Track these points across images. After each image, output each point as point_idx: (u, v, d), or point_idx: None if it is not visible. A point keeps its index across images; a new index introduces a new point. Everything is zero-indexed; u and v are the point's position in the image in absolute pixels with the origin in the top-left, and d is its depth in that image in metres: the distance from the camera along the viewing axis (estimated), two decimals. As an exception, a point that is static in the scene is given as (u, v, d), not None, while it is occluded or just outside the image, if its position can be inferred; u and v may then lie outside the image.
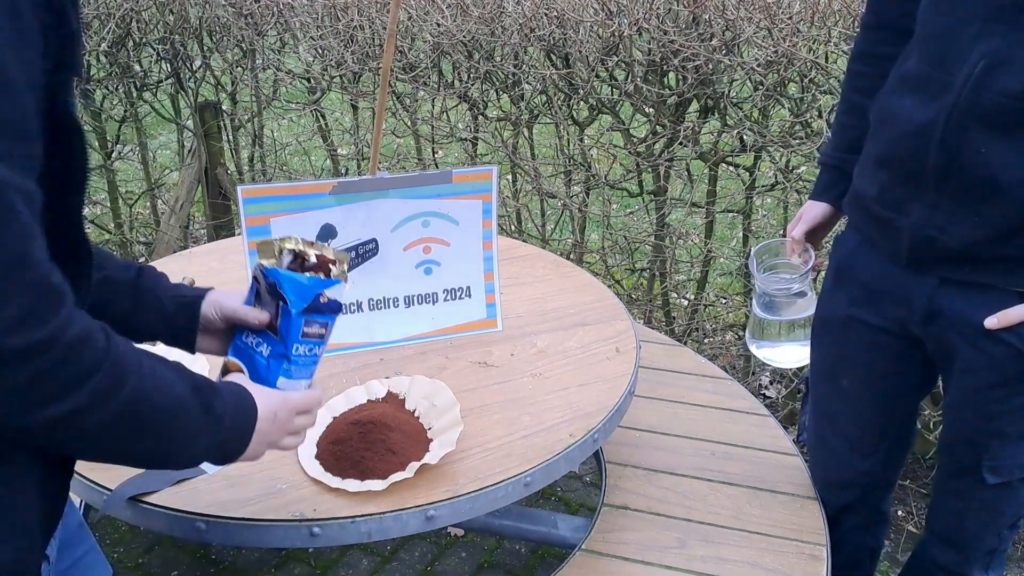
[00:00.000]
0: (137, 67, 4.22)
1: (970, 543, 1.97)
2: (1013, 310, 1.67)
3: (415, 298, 2.05)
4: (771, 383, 3.54)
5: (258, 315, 1.39)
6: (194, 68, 4.32)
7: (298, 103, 4.32)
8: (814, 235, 2.05)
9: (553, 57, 3.34)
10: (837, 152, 1.99)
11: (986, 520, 1.93)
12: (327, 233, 1.93)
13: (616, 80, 3.28)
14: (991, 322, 1.68)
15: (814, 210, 2.03)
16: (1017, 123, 1.57)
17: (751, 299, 2.17)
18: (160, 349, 1.91)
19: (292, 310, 1.33)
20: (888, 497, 2.19)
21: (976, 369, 1.76)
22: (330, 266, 1.36)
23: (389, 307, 2.04)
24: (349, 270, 1.40)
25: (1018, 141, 1.58)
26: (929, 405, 2.87)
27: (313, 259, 1.36)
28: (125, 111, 4.26)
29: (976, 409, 1.80)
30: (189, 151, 4.40)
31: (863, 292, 1.89)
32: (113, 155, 4.35)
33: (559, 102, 3.43)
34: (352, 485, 1.62)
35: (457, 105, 3.79)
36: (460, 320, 2.09)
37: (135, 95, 4.24)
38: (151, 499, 1.60)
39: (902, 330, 1.85)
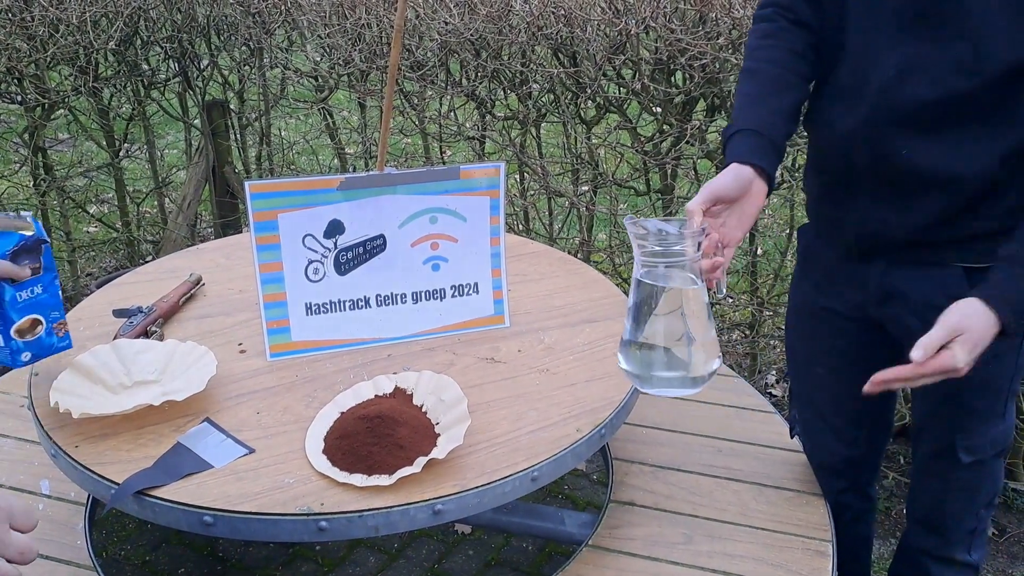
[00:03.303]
0: (145, 65, 4.23)
1: (950, 525, 2.01)
2: (932, 337, 1.59)
3: (423, 294, 2.05)
4: (777, 382, 3.54)
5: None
6: (202, 67, 4.32)
7: (306, 101, 4.33)
8: (739, 214, 1.73)
9: (560, 56, 3.34)
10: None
11: (964, 500, 1.97)
12: (335, 229, 1.94)
13: (623, 79, 3.28)
14: (916, 355, 1.57)
15: (719, 179, 1.73)
16: (933, 124, 1.63)
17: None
18: (188, 345, 1.93)
19: None
20: (874, 482, 2.24)
21: None
22: None
23: (397, 303, 2.04)
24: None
25: (938, 139, 1.63)
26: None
27: None
28: (133, 109, 4.27)
29: (941, 388, 1.83)
30: (197, 150, 4.41)
31: (824, 279, 1.96)
32: (121, 153, 4.35)
33: (566, 101, 3.43)
34: (359, 480, 1.62)
35: (465, 104, 3.79)
36: (468, 316, 2.09)
37: (143, 93, 4.26)
38: (158, 493, 1.60)
39: (862, 314, 1.91)
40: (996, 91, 1.57)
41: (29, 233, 1.79)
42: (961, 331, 1.54)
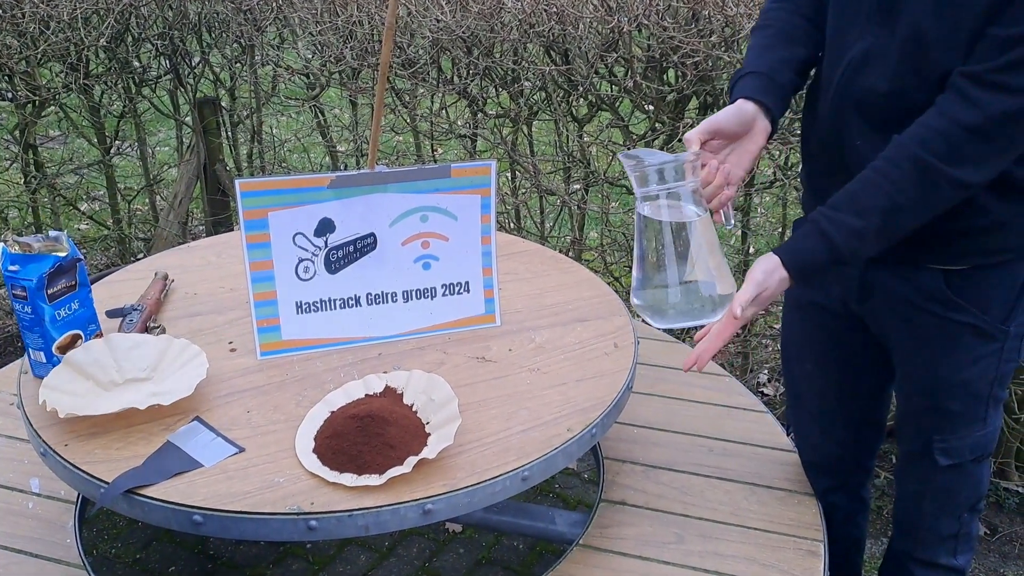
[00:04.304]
0: (136, 63, 4.22)
1: (927, 527, 2.02)
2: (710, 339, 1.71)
3: (413, 293, 2.05)
4: (768, 380, 3.54)
5: None
6: (193, 64, 4.31)
7: (297, 99, 4.32)
8: (740, 151, 1.80)
9: (552, 53, 3.33)
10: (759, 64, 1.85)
11: (942, 504, 1.97)
12: (325, 227, 1.93)
13: (615, 77, 3.28)
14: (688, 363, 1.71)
15: (721, 112, 1.79)
16: (884, 120, 1.64)
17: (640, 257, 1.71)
18: (181, 343, 1.93)
19: None
20: (867, 483, 2.24)
21: (907, 344, 1.83)
22: None
23: (387, 302, 2.03)
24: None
25: (885, 137, 1.63)
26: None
27: None
28: (124, 107, 4.25)
29: (917, 386, 1.85)
30: (188, 147, 4.40)
31: None
32: (112, 151, 4.34)
33: (558, 99, 3.42)
34: (349, 479, 1.62)
35: (456, 102, 3.78)
36: (458, 315, 2.09)
37: (134, 91, 4.24)
38: (147, 492, 1.60)
39: (845, 309, 1.92)
40: (938, 92, 1.57)
41: (64, 254, 1.86)
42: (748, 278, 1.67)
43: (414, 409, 1.79)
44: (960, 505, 1.97)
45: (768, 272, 1.65)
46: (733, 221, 1.78)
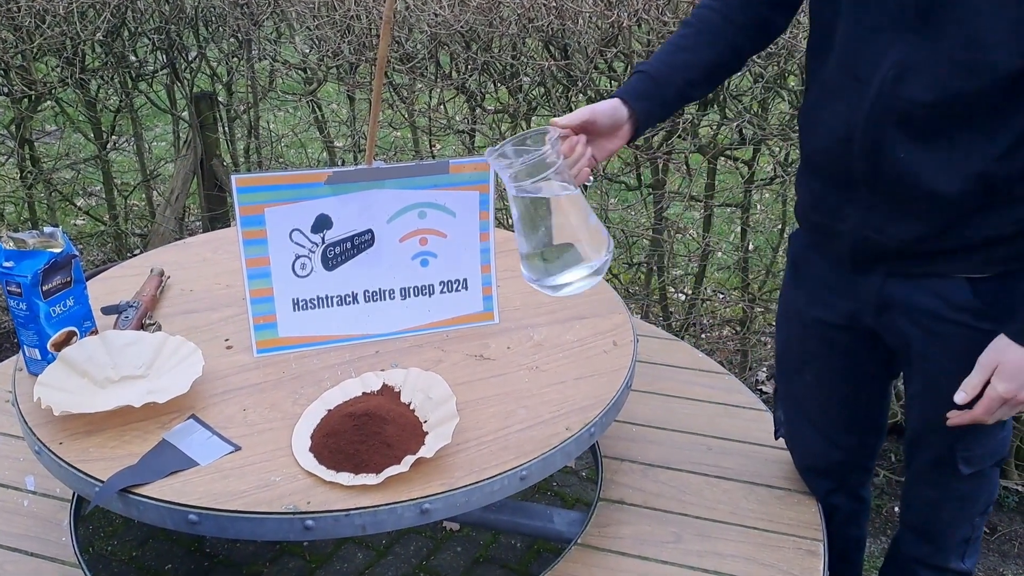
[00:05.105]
0: (132, 57, 4.20)
1: (945, 534, 1.99)
2: (972, 379, 1.69)
3: (411, 290, 2.03)
4: (767, 378, 3.53)
5: None
6: (190, 58, 4.29)
7: (294, 94, 4.30)
8: (597, 147, 1.82)
9: (551, 48, 3.32)
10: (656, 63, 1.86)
11: (959, 510, 1.95)
12: (322, 223, 1.92)
13: (615, 72, 3.26)
14: (959, 398, 1.70)
15: (600, 105, 1.80)
16: (929, 130, 1.60)
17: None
18: (177, 340, 1.91)
19: None
20: (867, 483, 2.22)
21: (933, 355, 1.79)
22: None
23: (385, 299, 2.02)
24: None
25: (932, 147, 1.60)
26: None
27: None
28: (120, 101, 4.23)
29: (942, 397, 1.81)
30: (185, 142, 4.39)
31: (817, 288, 1.93)
32: (108, 146, 4.32)
33: (557, 94, 3.41)
34: (346, 478, 1.60)
35: (455, 97, 3.77)
36: (456, 312, 2.08)
37: (130, 85, 4.22)
38: (143, 491, 1.58)
39: (855, 324, 1.88)
40: (992, 97, 1.53)
41: (58, 250, 1.86)
42: (995, 364, 1.63)
43: (412, 407, 1.78)
44: (976, 511, 1.95)
45: (995, 350, 1.65)
46: (592, 179, 1.84)
